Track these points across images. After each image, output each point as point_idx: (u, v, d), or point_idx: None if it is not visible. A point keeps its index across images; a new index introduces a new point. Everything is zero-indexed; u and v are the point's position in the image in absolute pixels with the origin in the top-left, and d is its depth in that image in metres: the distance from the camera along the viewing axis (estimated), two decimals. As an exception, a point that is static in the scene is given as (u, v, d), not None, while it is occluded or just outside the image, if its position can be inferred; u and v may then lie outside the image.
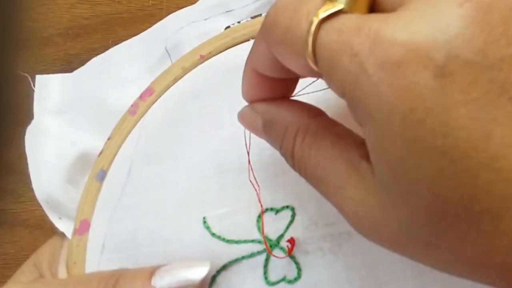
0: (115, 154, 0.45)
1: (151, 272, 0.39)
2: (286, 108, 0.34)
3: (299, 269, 0.41)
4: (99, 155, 0.45)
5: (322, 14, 0.25)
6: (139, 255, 0.43)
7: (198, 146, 0.44)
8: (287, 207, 0.41)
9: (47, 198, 0.45)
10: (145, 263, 0.42)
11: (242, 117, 0.36)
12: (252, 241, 0.41)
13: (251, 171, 0.42)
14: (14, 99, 0.48)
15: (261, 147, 0.40)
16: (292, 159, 0.32)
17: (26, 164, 0.45)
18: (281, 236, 0.41)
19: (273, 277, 0.41)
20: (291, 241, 0.40)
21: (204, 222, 0.42)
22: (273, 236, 0.41)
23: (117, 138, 0.45)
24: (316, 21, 0.25)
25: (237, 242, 0.42)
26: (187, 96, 0.45)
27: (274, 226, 0.41)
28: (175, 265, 0.40)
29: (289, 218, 0.41)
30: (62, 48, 0.51)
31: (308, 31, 0.25)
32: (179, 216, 0.43)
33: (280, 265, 0.41)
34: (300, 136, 0.32)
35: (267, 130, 0.34)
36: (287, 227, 0.41)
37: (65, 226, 0.45)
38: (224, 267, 0.41)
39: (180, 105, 0.45)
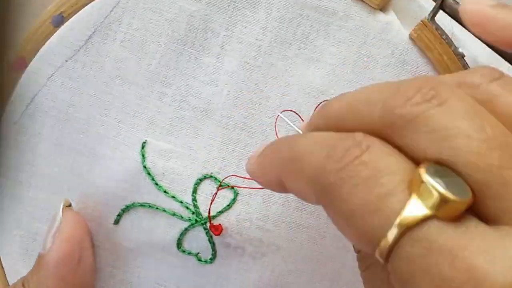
0: (83, 6, 0.38)
1: None
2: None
3: (213, 257, 0.37)
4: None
5: (407, 217, 0.21)
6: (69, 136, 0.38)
7: None
8: (232, 188, 0.37)
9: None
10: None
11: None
12: (181, 202, 0.37)
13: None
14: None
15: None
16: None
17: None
18: (213, 217, 0.37)
19: (185, 245, 0.37)
20: (219, 228, 0.37)
21: (142, 147, 0.37)
22: (203, 208, 0.37)
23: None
24: (397, 225, 0.22)
25: (165, 192, 0.37)
26: None
27: (207, 198, 0.37)
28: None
29: (227, 201, 0.37)
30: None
31: (386, 231, 0.22)
32: (122, 121, 0.37)
33: (196, 240, 0.37)
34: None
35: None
36: (221, 211, 0.37)
37: None
38: (142, 206, 0.37)
39: None
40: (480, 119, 0.22)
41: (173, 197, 0.36)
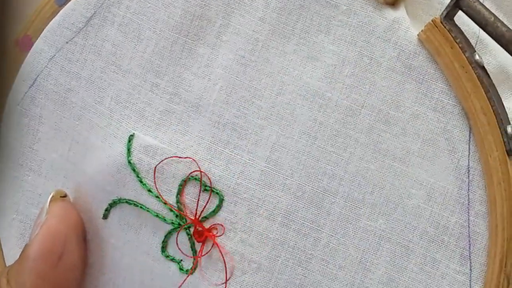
0: None
1: None
2: None
3: (194, 266, 0.35)
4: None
5: None
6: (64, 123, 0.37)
7: None
8: (217, 193, 0.34)
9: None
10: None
11: None
12: (165, 204, 0.35)
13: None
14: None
15: None
16: None
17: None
18: (200, 221, 0.35)
19: (169, 250, 0.36)
20: (203, 235, 0.35)
21: (129, 140, 0.35)
22: (187, 210, 0.35)
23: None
24: None
25: (149, 191, 0.35)
26: None
27: (192, 200, 0.35)
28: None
29: (213, 206, 0.35)
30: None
31: None
32: (114, 110, 0.36)
33: (180, 245, 0.35)
34: None
35: None
36: (206, 217, 0.35)
37: None
38: (128, 203, 0.36)
39: None
40: None
41: (157, 197, 0.35)
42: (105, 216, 0.36)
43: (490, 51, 0.31)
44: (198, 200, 0.34)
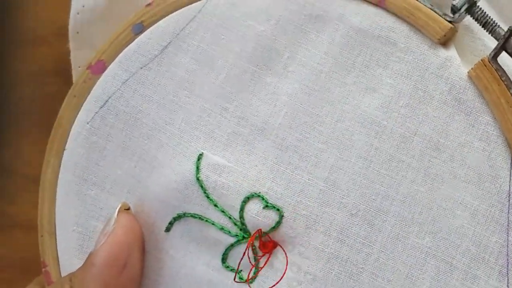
0: (162, 17, 0.40)
1: None
2: None
3: (255, 276, 0.38)
4: (146, 5, 0.40)
5: None
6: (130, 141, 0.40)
7: None
8: (278, 210, 0.37)
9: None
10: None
11: None
12: (230, 218, 0.38)
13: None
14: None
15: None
16: None
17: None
18: (257, 237, 0.38)
19: (229, 261, 0.38)
20: (268, 246, 0.38)
21: (198, 159, 0.38)
22: (249, 226, 0.38)
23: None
24: None
25: (216, 206, 0.38)
26: None
27: (253, 217, 0.38)
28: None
29: (273, 222, 0.37)
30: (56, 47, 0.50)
31: None
32: (184, 131, 0.39)
33: (240, 257, 0.38)
34: None
35: None
36: (267, 232, 0.38)
37: None
38: (193, 217, 0.38)
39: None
40: None
41: (222, 211, 0.37)
42: (167, 229, 0.39)
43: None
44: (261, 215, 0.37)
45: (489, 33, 0.34)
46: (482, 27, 0.35)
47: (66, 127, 0.41)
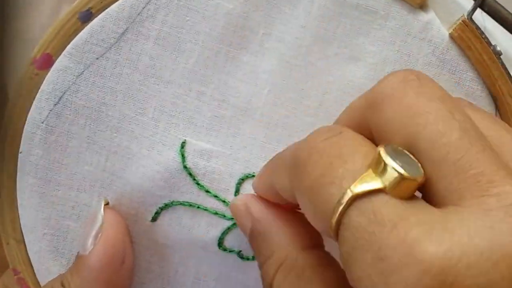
0: (112, 2, 0.37)
1: None
2: (281, 227, 0.31)
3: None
4: (93, -10, 0.37)
5: (358, 188, 0.23)
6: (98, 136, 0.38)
7: None
8: None
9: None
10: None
11: (233, 209, 0.34)
12: (224, 201, 0.37)
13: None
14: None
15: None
16: None
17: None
18: None
19: (226, 244, 0.38)
20: None
21: (182, 147, 0.37)
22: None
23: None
24: (349, 195, 0.23)
25: (207, 191, 0.37)
26: None
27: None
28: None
29: None
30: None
31: (338, 201, 0.23)
32: (159, 120, 0.37)
33: (238, 237, 0.37)
34: (282, 272, 0.29)
35: (253, 241, 0.32)
36: None
37: None
38: (182, 205, 0.37)
39: None
40: (449, 105, 0.25)
41: (216, 196, 0.37)
42: (154, 219, 0.37)
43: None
44: None
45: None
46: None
47: (17, 129, 0.37)
